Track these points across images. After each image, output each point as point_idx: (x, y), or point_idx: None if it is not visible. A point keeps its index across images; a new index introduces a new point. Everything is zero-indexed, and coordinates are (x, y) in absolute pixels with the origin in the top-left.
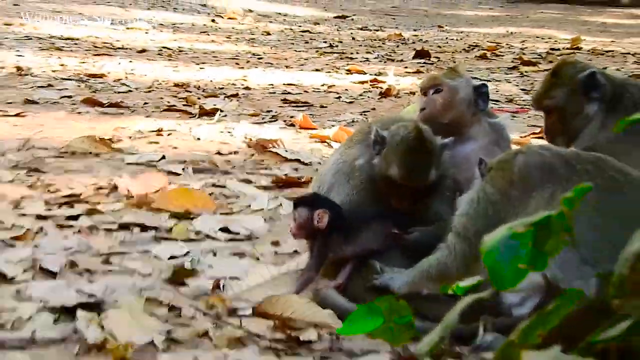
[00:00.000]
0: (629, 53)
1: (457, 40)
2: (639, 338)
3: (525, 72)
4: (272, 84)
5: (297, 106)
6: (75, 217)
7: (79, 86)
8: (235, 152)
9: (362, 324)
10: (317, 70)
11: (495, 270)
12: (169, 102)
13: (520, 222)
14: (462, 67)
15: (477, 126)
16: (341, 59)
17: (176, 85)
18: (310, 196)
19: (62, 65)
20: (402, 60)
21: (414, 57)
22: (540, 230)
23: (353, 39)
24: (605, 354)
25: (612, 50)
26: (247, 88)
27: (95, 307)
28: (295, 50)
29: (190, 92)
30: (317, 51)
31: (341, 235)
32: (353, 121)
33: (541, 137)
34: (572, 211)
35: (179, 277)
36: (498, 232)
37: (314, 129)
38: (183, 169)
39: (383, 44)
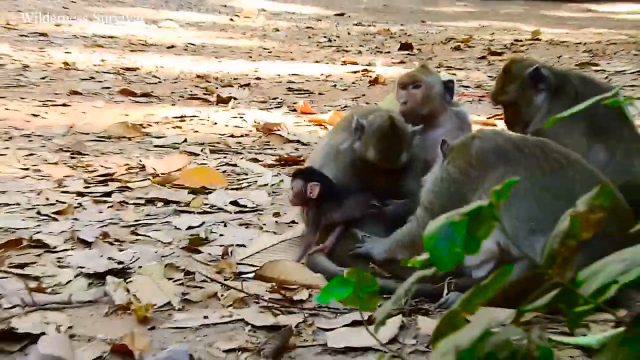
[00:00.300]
0: (580, 43)
1: (436, 34)
2: (564, 303)
3: (493, 61)
4: (279, 75)
5: (299, 94)
6: (109, 194)
7: (116, 79)
8: (246, 135)
9: (336, 292)
10: (317, 62)
11: (434, 254)
12: (191, 91)
13: (456, 212)
14: (431, 66)
15: (445, 115)
16: (338, 51)
17: (198, 76)
18: (305, 169)
19: (102, 60)
20: (389, 52)
21: (399, 49)
22: (473, 219)
23: (349, 33)
24: None
25: (567, 41)
26: (257, 78)
27: (122, 273)
28: (300, 45)
29: (210, 82)
30: (317, 45)
31: (330, 204)
32: (346, 106)
33: (502, 119)
34: (500, 202)
35: (194, 245)
36: (439, 219)
37: (313, 113)
38: (201, 150)
39: (374, 37)
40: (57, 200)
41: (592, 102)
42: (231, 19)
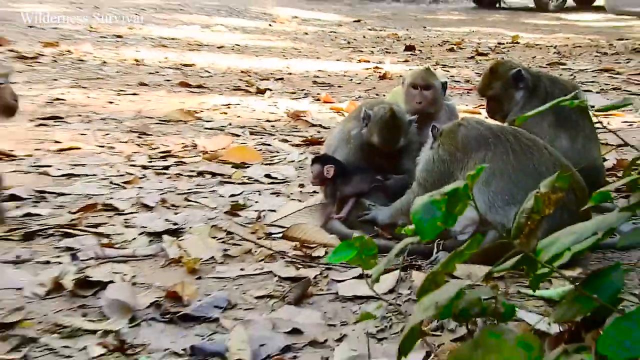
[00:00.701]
0: (551, 45)
1: (434, 37)
2: (527, 267)
3: (479, 60)
4: (306, 70)
5: (322, 86)
6: (167, 167)
7: (175, 73)
8: (278, 120)
9: (343, 255)
10: (337, 60)
11: (418, 226)
12: (236, 84)
13: (437, 192)
14: (433, 70)
15: (442, 109)
16: (354, 51)
17: (241, 71)
18: (322, 156)
19: (165, 58)
20: (396, 52)
21: (404, 50)
22: (451, 198)
23: (363, 37)
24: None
25: (540, 44)
26: (289, 73)
27: (176, 232)
28: (324, 46)
29: (251, 76)
30: (338, 46)
31: (343, 182)
32: (360, 97)
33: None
34: (473, 183)
35: (234, 210)
36: (422, 198)
37: (333, 102)
38: (242, 132)
39: (384, 40)
40: (126, 172)
41: (557, 102)
42: (269, 25)
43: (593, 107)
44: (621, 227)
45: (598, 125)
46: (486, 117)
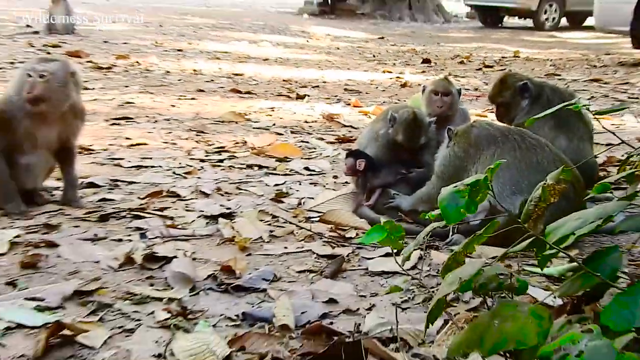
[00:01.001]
0: (548, 59)
1: (447, 52)
2: (536, 248)
3: (486, 72)
4: (339, 79)
5: (352, 93)
6: (221, 160)
7: (228, 81)
8: (315, 121)
9: (374, 236)
10: (364, 70)
11: (445, 212)
12: (279, 91)
13: (460, 183)
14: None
15: (457, 113)
16: (379, 64)
17: (283, 80)
18: (354, 151)
19: (219, 68)
20: (414, 65)
21: (421, 63)
22: (473, 188)
23: (387, 51)
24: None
25: (538, 58)
26: (324, 82)
27: (229, 215)
28: (353, 59)
29: (291, 84)
30: (365, 59)
31: (372, 174)
32: (384, 102)
33: (492, 112)
34: (492, 176)
35: (278, 197)
36: (448, 188)
37: (361, 107)
38: (285, 131)
39: (404, 54)
40: (186, 164)
41: (558, 108)
42: (307, 41)
43: (590, 110)
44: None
45: (598, 126)
46: (493, 120)
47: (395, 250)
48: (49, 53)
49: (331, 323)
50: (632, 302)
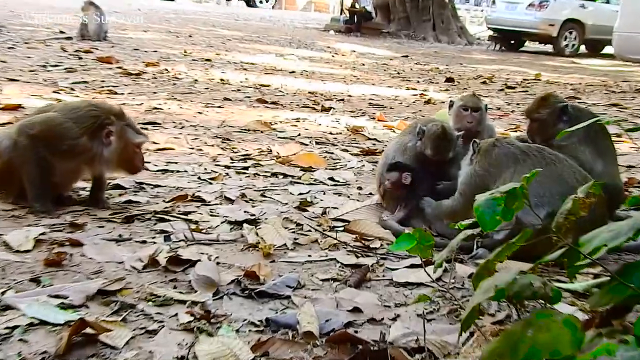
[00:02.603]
0: (568, 83)
1: (470, 72)
2: (568, 259)
3: (508, 92)
4: (363, 94)
5: (376, 107)
6: (246, 168)
7: (254, 91)
8: (340, 133)
9: (404, 244)
10: (389, 87)
11: (481, 219)
12: (304, 102)
13: (497, 190)
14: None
15: (485, 128)
16: (403, 80)
17: (309, 92)
18: (398, 164)
19: (246, 78)
20: (437, 83)
21: (445, 81)
22: (509, 195)
23: (411, 69)
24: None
25: (559, 81)
26: (349, 96)
27: (254, 222)
28: (378, 75)
29: (317, 97)
30: (390, 76)
31: (415, 187)
32: (408, 117)
33: (515, 131)
34: (528, 184)
35: (303, 206)
36: (484, 195)
37: (386, 121)
38: (309, 142)
39: (427, 73)
40: (212, 170)
41: (590, 123)
42: (332, 56)
43: (623, 127)
44: None
45: (634, 146)
46: (518, 136)
47: (423, 260)
48: (80, 58)
49: (356, 332)
50: None
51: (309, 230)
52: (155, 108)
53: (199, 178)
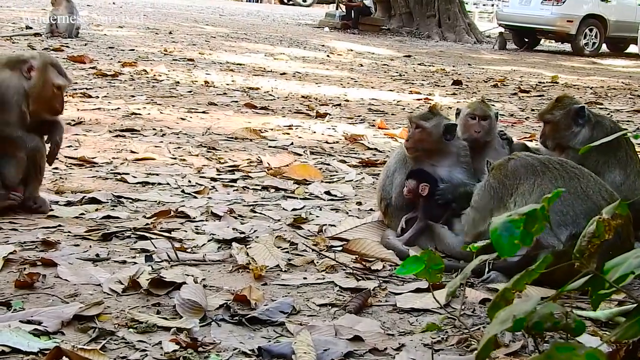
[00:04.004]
0: (588, 87)
1: (479, 74)
2: (592, 287)
3: (522, 97)
4: (362, 98)
5: (377, 113)
6: (234, 180)
7: (242, 95)
8: (336, 142)
9: (411, 268)
10: (390, 90)
11: (498, 243)
12: (297, 107)
13: (515, 212)
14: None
15: (495, 138)
16: (406, 83)
17: (302, 96)
18: (417, 171)
19: (232, 81)
20: (444, 86)
21: (451, 84)
22: (529, 217)
23: (414, 71)
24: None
25: (578, 85)
26: (346, 100)
27: (243, 240)
28: (378, 77)
29: (311, 101)
30: (391, 78)
31: (430, 200)
32: None
33: (530, 140)
34: (549, 206)
35: (297, 222)
36: (501, 217)
37: (387, 128)
38: (303, 152)
39: (433, 75)
40: (196, 183)
41: (615, 137)
42: (327, 55)
43: None
44: None
45: None
46: (536, 143)
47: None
48: None
49: None
50: None
51: (304, 250)
52: (134, 113)
53: (182, 191)
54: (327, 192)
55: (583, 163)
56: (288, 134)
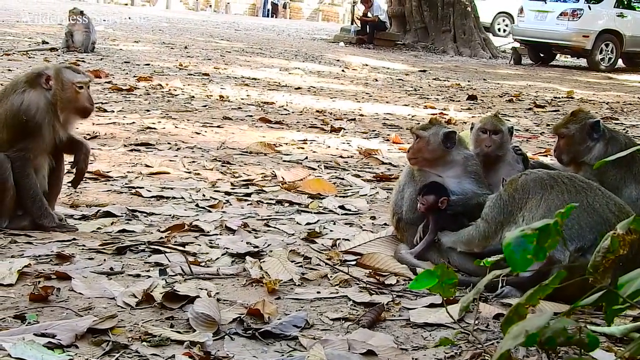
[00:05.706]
0: (604, 102)
1: (494, 89)
2: (606, 302)
3: (537, 112)
4: (377, 113)
5: (391, 128)
6: (249, 194)
7: (257, 109)
8: (351, 157)
9: (425, 282)
10: (405, 105)
11: (511, 258)
12: (312, 122)
13: (528, 227)
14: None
15: (507, 154)
16: (420, 98)
17: (317, 111)
18: (433, 184)
19: (247, 95)
20: (459, 101)
21: (467, 99)
22: (542, 232)
23: (429, 85)
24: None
25: (594, 100)
26: (361, 115)
27: (257, 254)
28: (392, 92)
29: (326, 116)
30: (406, 92)
31: (448, 213)
32: None
33: (545, 155)
34: (563, 221)
35: (311, 237)
36: (514, 232)
37: (401, 143)
38: (318, 166)
39: (448, 89)
40: (210, 197)
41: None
42: (342, 70)
43: None
44: None
45: None
46: (551, 159)
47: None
48: None
49: None
50: None
51: (318, 264)
52: (149, 127)
53: (196, 205)
54: (341, 207)
55: (602, 179)
56: (302, 148)
